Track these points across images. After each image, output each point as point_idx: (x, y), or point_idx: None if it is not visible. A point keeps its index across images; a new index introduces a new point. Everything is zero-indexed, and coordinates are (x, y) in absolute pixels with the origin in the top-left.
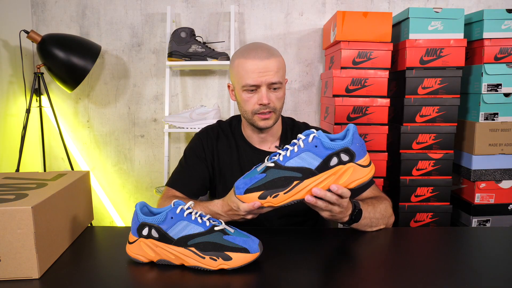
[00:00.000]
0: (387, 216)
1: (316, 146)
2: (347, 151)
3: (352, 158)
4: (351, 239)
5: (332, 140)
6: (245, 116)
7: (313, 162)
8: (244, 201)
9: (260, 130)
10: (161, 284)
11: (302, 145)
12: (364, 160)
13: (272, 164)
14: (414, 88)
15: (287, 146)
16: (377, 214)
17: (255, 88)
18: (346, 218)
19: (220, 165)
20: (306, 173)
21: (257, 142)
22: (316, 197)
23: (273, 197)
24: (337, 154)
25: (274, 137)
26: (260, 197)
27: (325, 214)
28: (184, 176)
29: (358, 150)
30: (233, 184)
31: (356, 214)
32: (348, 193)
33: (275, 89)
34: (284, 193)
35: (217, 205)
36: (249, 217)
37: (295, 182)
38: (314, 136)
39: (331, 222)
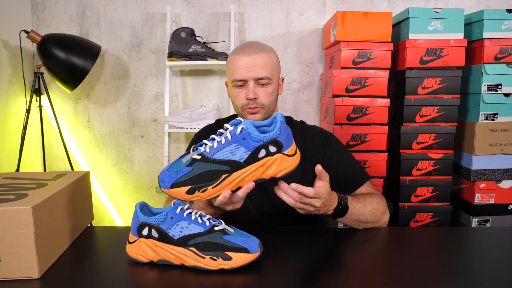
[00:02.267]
0: (379, 214)
1: (244, 139)
2: (275, 142)
3: (279, 149)
4: (351, 239)
5: (258, 127)
6: (237, 112)
7: (241, 154)
8: (171, 195)
9: None
10: (161, 284)
11: (229, 137)
12: (291, 149)
13: (199, 157)
14: (414, 88)
15: (213, 136)
16: (367, 212)
17: (243, 83)
18: (330, 212)
19: None
20: (234, 166)
21: None
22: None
23: (201, 192)
24: (265, 146)
25: None
26: (187, 192)
27: (301, 211)
28: None
29: (285, 140)
30: None
31: (341, 209)
32: (311, 193)
33: (263, 84)
34: (213, 187)
35: (201, 202)
36: (228, 208)
37: (223, 176)
38: (242, 128)
39: (331, 222)
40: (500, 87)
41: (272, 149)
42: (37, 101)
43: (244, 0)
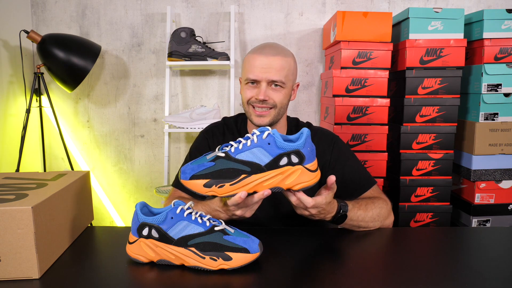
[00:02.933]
0: (381, 219)
1: (269, 144)
2: (298, 153)
3: (301, 161)
4: (351, 240)
5: (285, 140)
6: (244, 107)
7: (263, 158)
8: (188, 186)
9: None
10: (161, 284)
11: (255, 140)
12: (312, 165)
13: (223, 154)
14: (414, 88)
15: (240, 139)
16: (367, 218)
17: (256, 83)
18: (328, 219)
19: None
20: (254, 168)
21: None
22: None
23: (219, 187)
24: (288, 154)
25: None
26: (205, 185)
27: (297, 211)
28: None
29: (308, 154)
30: None
31: (339, 217)
32: (310, 204)
33: (276, 86)
34: (230, 185)
35: (216, 201)
36: (238, 213)
37: (242, 176)
38: (268, 133)
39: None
40: (500, 87)
41: (294, 159)
42: (37, 101)
43: (244, 0)
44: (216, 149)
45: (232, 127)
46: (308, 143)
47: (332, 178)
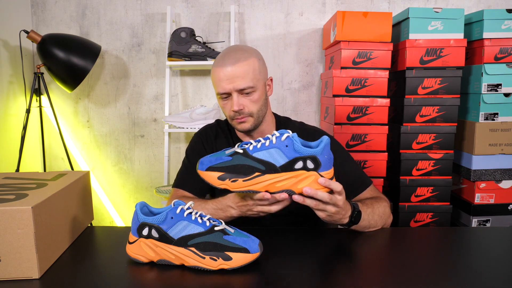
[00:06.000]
0: (385, 217)
1: (286, 146)
2: (314, 159)
3: (317, 167)
4: (351, 239)
5: (304, 146)
6: (230, 123)
7: (279, 160)
8: (203, 177)
9: (245, 132)
10: (161, 284)
11: (274, 141)
12: (328, 173)
13: (241, 151)
14: (414, 88)
15: (260, 138)
16: (376, 216)
17: (227, 95)
18: (346, 220)
19: None
20: (269, 168)
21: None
22: (304, 196)
23: (232, 181)
24: (304, 159)
25: None
26: (219, 178)
27: (321, 214)
28: (189, 176)
29: (325, 161)
30: None
31: (356, 215)
32: (339, 187)
33: (247, 93)
34: (243, 181)
35: (229, 197)
36: (260, 210)
37: (256, 173)
38: (288, 136)
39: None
40: (500, 87)
41: (310, 164)
42: (37, 101)
43: (244, 0)
44: (236, 146)
45: (225, 129)
46: (326, 151)
47: (338, 186)
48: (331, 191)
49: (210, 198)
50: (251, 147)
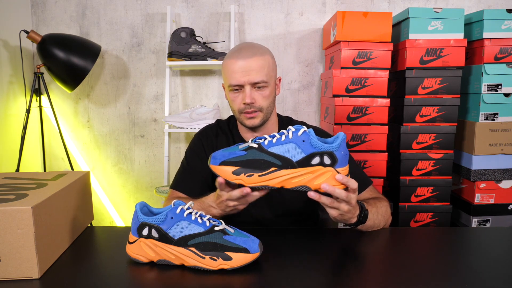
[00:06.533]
0: (387, 217)
1: (303, 141)
2: (331, 154)
3: (333, 163)
4: (351, 239)
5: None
6: (235, 115)
7: (295, 155)
8: (216, 172)
9: (251, 129)
10: (161, 284)
11: (290, 135)
12: (344, 169)
13: (255, 145)
14: (414, 88)
15: (275, 133)
16: (379, 216)
17: (239, 88)
18: (354, 219)
19: None
20: (285, 163)
21: None
22: (320, 192)
23: (247, 176)
24: (320, 154)
25: None
26: (234, 172)
27: (333, 212)
28: (186, 177)
29: (341, 157)
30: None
31: (364, 215)
32: (355, 185)
33: (259, 87)
34: (259, 176)
35: (210, 197)
36: (236, 204)
37: (272, 168)
38: (304, 131)
39: (331, 222)
40: (500, 87)
41: (327, 160)
42: (37, 101)
43: (244, 0)
44: (249, 140)
45: (225, 128)
46: (343, 147)
47: (342, 193)
48: (346, 189)
49: None
50: (266, 142)
